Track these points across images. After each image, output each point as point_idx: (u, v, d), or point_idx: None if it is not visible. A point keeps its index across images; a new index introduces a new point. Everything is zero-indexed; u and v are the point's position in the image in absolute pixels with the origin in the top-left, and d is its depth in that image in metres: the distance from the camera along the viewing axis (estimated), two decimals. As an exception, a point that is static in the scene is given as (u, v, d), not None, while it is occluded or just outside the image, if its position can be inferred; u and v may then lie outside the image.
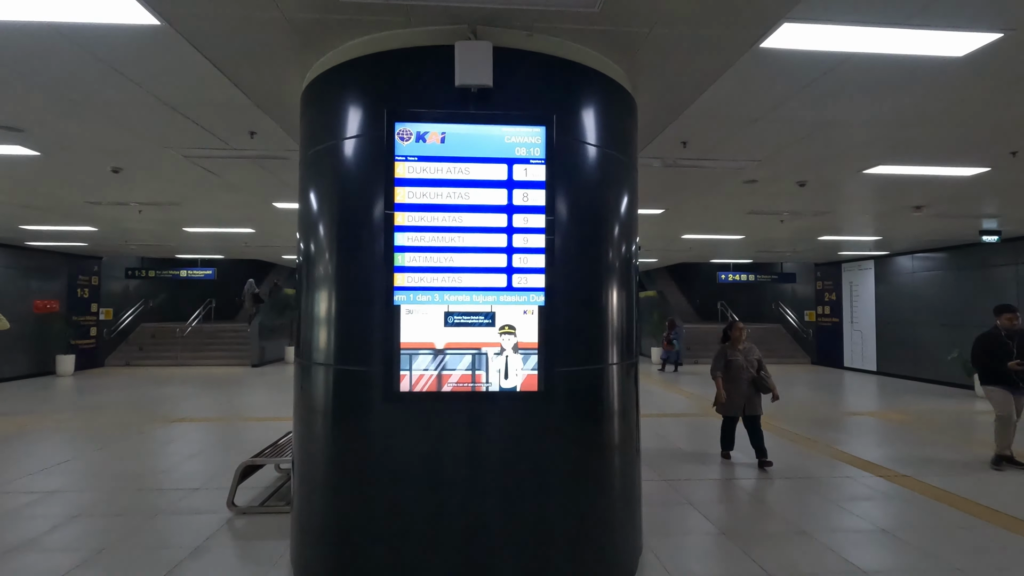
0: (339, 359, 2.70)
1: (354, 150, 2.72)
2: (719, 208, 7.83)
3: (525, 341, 2.55)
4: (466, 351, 2.51)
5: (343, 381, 2.71)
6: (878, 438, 7.07)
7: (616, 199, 3.11)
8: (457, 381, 2.51)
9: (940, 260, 12.31)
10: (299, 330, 3.00)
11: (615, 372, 3.03)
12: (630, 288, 3.19)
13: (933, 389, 11.48)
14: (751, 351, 5.84)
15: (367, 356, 2.60)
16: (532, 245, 2.57)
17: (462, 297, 2.51)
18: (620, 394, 3.06)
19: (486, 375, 2.52)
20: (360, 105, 2.75)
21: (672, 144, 4.79)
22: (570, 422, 2.72)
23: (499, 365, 2.53)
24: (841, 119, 4.13)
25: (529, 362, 2.55)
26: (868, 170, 5.58)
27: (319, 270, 2.83)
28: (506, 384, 2.54)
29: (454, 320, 2.51)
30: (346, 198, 2.75)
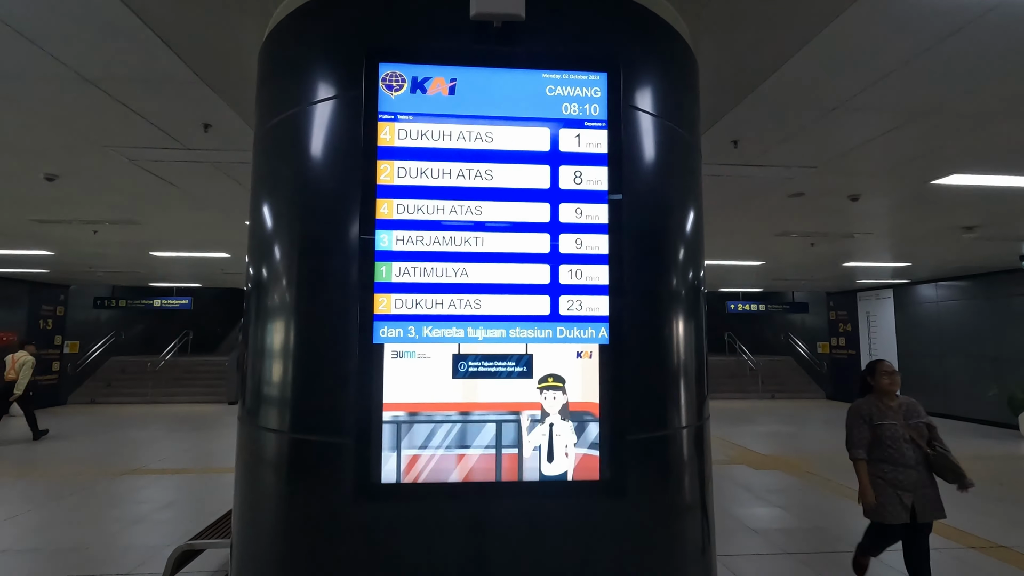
0: (296, 424, 1.75)
1: (325, 119, 1.81)
2: (748, 228, 7.02)
3: (579, 401, 1.63)
4: (488, 417, 1.58)
5: (301, 457, 1.75)
6: (943, 492, 6.10)
7: (684, 195, 2.24)
8: (474, 466, 1.57)
9: (967, 288, 11.56)
10: (243, 379, 2.05)
11: (689, 438, 2.11)
12: (700, 318, 2.29)
13: (970, 428, 10.56)
14: (912, 410, 3.44)
15: (335, 421, 1.65)
16: (589, 251, 1.67)
17: (481, 331, 1.60)
18: (698, 472, 2.13)
19: (520, 455, 1.58)
20: (334, 54, 1.87)
21: (720, 144, 3.98)
22: (647, 524, 1.77)
23: (539, 439, 1.60)
24: (948, 104, 3.31)
25: (587, 434, 1.62)
26: (939, 180, 4.78)
27: (272, 293, 1.89)
28: (551, 470, 1.60)
29: (469, 368, 1.58)
30: (310, 185, 1.83)
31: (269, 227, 1.91)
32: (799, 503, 5.59)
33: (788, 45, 2.74)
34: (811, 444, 8.97)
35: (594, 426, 1.63)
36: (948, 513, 4.98)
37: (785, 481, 6.48)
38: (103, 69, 2.89)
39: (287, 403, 1.77)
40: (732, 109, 3.40)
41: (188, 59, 2.81)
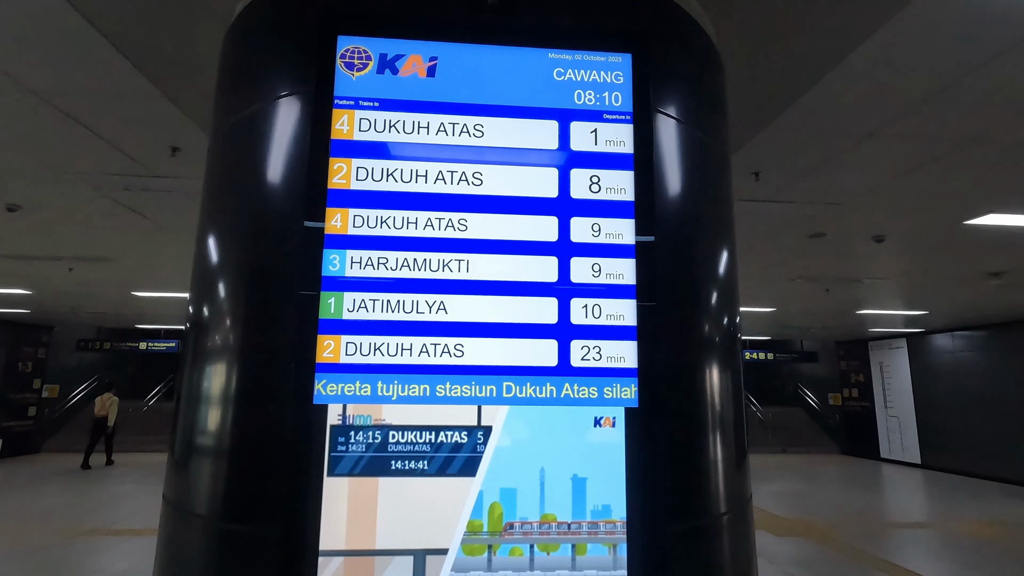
0: (226, 510, 1.28)
1: (283, 117, 1.42)
2: (763, 272, 6.63)
3: (598, 494, 1.17)
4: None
5: (231, 554, 1.27)
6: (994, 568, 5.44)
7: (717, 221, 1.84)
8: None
9: (985, 338, 11.09)
10: (171, 444, 1.58)
11: (729, 527, 1.64)
12: (738, 373, 1.85)
13: (997, 488, 9.85)
14: None
15: (270, 508, 1.19)
16: (610, 280, 1.25)
17: (463, 388, 1.16)
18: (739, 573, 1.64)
19: (515, 568, 1.12)
20: (295, 46, 1.51)
21: (740, 175, 3.63)
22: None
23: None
24: (994, 131, 2.98)
25: (607, 537, 1.16)
26: (974, 220, 4.42)
27: (210, 335, 1.46)
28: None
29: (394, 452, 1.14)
30: (254, 200, 1.43)
31: (211, 252, 1.49)
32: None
33: (819, 65, 2.41)
34: (830, 505, 8.29)
35: (619, 527, 1.16)
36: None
37: (810, 551, 5.83)
38: (52, 80, 2.56)
39: (215, 479, 1.30)
40: (756, 135, 3.07)
41: (145, 70, 2.48)
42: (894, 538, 6.47)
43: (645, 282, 1.26)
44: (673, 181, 1.51)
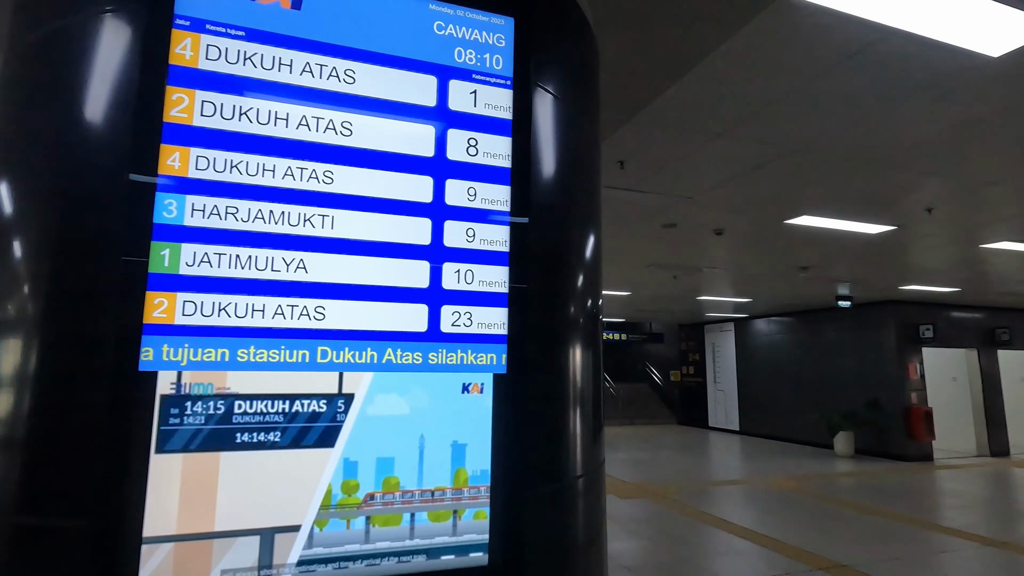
0: (19, 502, 1.04)
1: (108, 36, 1.16)
2: (622, 258, 7.14)
3: (469, 460, 1.17)
4: (328, 484, 1.05)
5: (27, 552, 1.04)
6: (800, 515, 6.50)
7: (587, 201, 1.94)
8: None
9: (793, 323, 13.10)
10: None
11: (584, 490, 1.76)
12: (599, 350, 1.98)
13: (796, 448, 11.78)
14: None
15: (76, 496, 1.00)
16: (485, 246, 1.23)
17: (324, 353, 1.08)
18: (595, 530, 1.78)
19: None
20: None
21: (607, 163, 3.83)
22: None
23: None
24: (816, 144, 3.46)
25: (472, 502, 1.16)
26: (791, 219, 5.15)
27: (8, 297, 1.17)
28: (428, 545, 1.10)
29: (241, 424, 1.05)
30: (68, 134, 1.17)
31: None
32: (666, 533, 5.56)
33: (683, 62, 2.61)
34: (667, 469, 9.31)
35: (482, 494, 1.17)
36: (796, 534, 5.15)
37: (650, 510, 6.50)
38: None
39: (8, 467, 1.06)
40: (625, 123, 3.25)
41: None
42: (717, 494, 7.44)
43: (518, 247, 1.26)
44: (548, 156, 1.53)
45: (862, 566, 4.64)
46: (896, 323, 10.70)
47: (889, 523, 6.02)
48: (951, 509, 6.76)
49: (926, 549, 5.15)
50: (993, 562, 4.83)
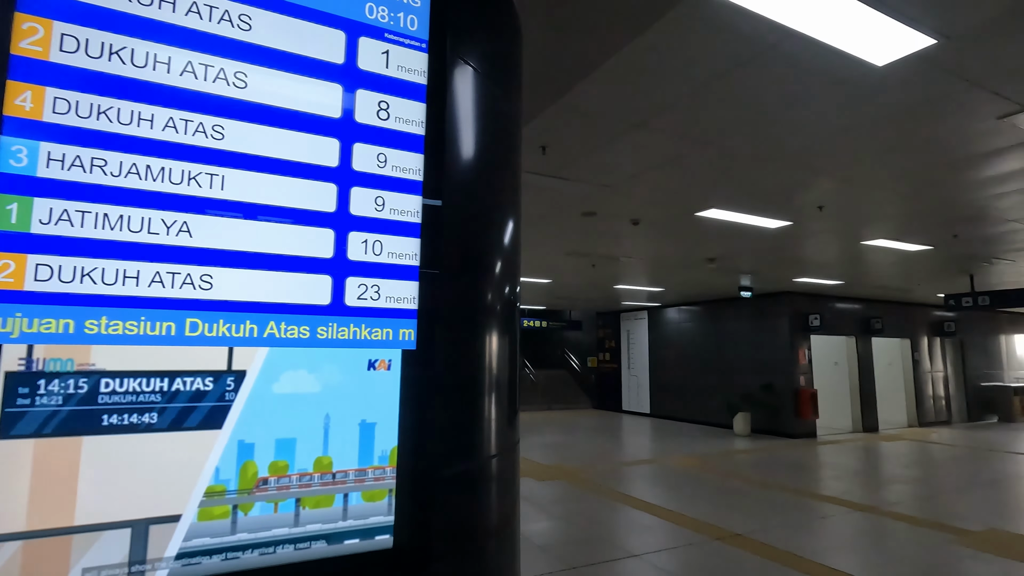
0: None
1: None
2: (543, 245, 7.22)
3: (374, 440, 1.11)
4: (214, 468, 0.96)
5: None
6: (704, 491, 6.93)
7: (506, 182, 1.92)
8: (180, 554, 0.93)
9: (699, 312, 13.93)
10: None
11: (498, 470, 1.78)
12: (514, 327, 1.98)
13: (701, 429, 12.59)
14: None
15: None
16: (395, 216, 1.17)
17: (211, 326, 0.98)
18: (504, 513, 1.79)
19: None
20: None
21: (529, 148, 3.83)
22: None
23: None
24: (724, 138, 3.64)
25: (376, 483, 1.11)
26: (702, 212, 5.42)
27: None
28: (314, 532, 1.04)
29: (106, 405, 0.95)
30: None
31: None
32: (581, 513, 5.75)
33: (605, 48, 2.64)
34: (583, 452, 9.63)
35: (388, 477, 1.12)
36: (698, 508, 5.48)
37: (566, 490, 6.68)
38: None
39: None
40: (545, 110, 3.25)
41: None
42: (628, 473, 7.79)
43: (431, 218, 1.21)
44: (466, 129, 1.49)
45: (754, 534, 5.04)
46: (789, 313, 11.66)
47: (778, 494, 6.58)
48: (830, 480, 7.50)
49: (809, 516, 5.67)
50: (862, 524, 5.42)
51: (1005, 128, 3.44)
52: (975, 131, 3.50)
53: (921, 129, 3.47)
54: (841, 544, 4.84)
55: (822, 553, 4.56)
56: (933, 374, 14.05)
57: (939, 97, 3.04)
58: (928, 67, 2.72)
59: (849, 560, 4.42)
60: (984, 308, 9.52)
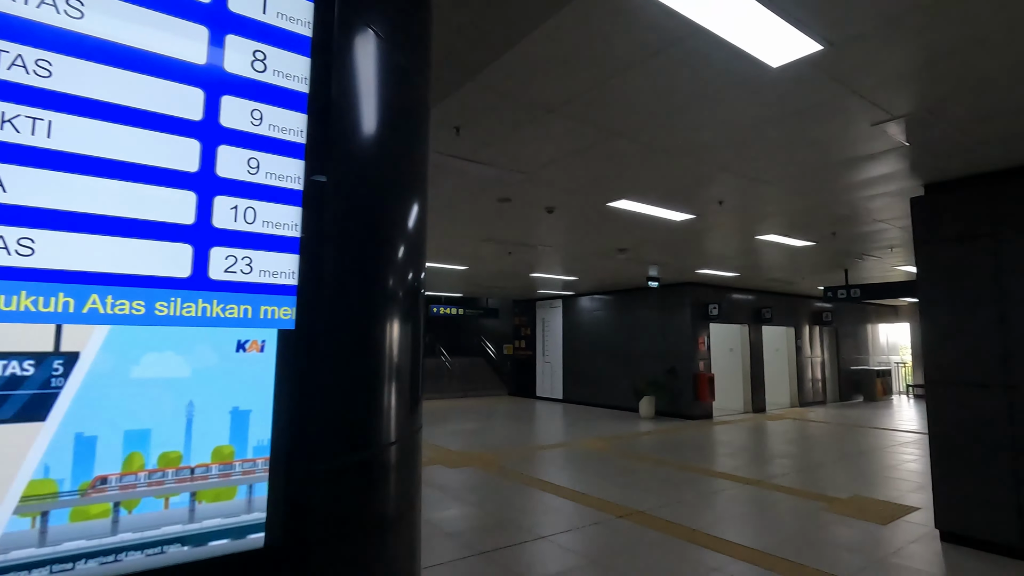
0: None
1: None
2: (458, 230, 7.12)
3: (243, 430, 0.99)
4: (33, 468, 0.81)
5: None
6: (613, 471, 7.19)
7: (412, 151, 1.84)
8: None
9: (611, 301, 14.46)
10: None
11: (397, 459, 1.72)
12: (418, 313, 1.92)
13: (610, 413, 13.12)
14: None
15: None
16: (271, 180, 1.05)
17: (32, 300, 0.82)
18: (403, 505, 1.73)
19: (114, 517, 0.86)
20: None
21: (443, 128, 3.72)
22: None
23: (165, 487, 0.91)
24: (634, 130, 3.72)
25: (244, 478, 0.99)
26: (613, 202, 5.56)
27: None
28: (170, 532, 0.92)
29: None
30: None
31: None
32: (492, 498, 5.78)
33: (518, 27, 2.59)
34: (498, 438, 9.71)
35: (261, 470, 1.01)
36: (603, 488, 5.68)
37: (478, 477, 6.70)
38: None
39: None
40: (459, 88, 3.16)
41: None
42: (539, 458, 7.94)
43: (313, 187, 1.10)
44: (366, 95, 1.38)
45: (654, 510, 5.31)
46: (691, 302, 12.38)
47: (677, 472, 6.99)
48: (722, 457, 8.07)
49: (704, 491, 6.07)
50: (748, 497, 5.87)
51: (877, 134, 3.79)
52: (852, 136, 3.83)
53: (808, 131, 3.74)
54: (730, 516, 5.21)
55: (713, 525, 4.89)
56: (812, 359, 15.53)
57: (823, 101, 3.28)
58: (815, 72, 2.92)
59: (735, 530, 4.78)
60: (855, 300, 10.62)
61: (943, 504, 4.57)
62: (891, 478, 6.77)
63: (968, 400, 4.49)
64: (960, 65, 2.85)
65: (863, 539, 4.58)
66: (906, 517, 5.17)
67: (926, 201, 4.95)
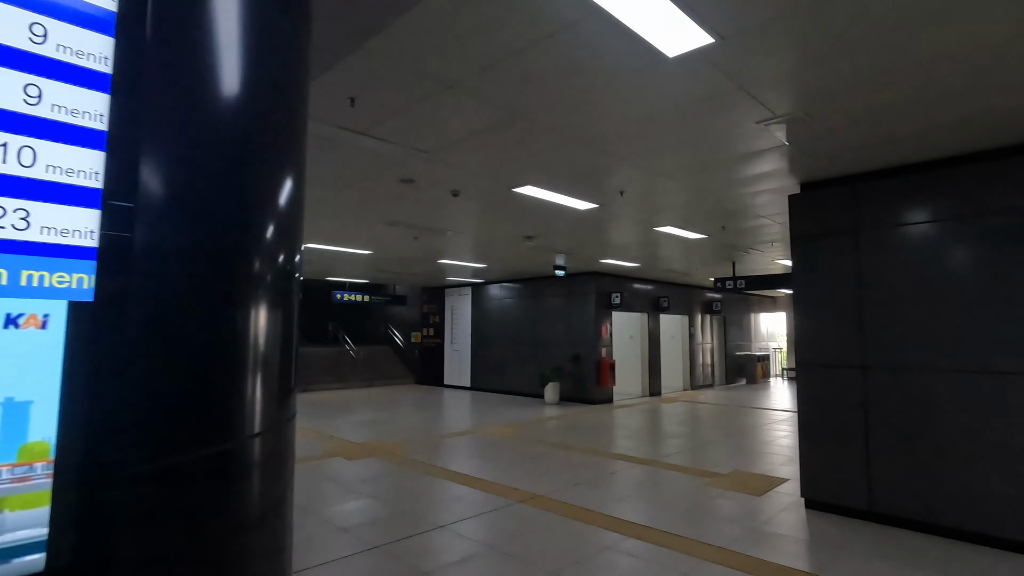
0: None
1: None
2: (359, 212, 6.78)
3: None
4: None
5: None
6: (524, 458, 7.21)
7: (282, 111, 1.66)
8: None
9: (519, 289, 14.59)
10: None
11: (261, 452, 1.55)
12: (290, 292, 1.74)
13: (517, 400, 13.28)
14: None
15: None
16: (57, 114, 0.84)
17: None
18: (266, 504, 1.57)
19: None
20: None
21: (335, 98, 3.45)
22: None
23: None
24: (535, 112, 3.66)
25: (14, 487, 0.79)
26: (518, 188, 5.53)
27: None
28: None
29: None
30: None
31: None
32: (390, 489, 5.60)
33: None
34: (403, 427, 9.48)
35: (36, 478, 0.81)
36: (506, 474, 5.68)
37: (378, 468, 6.47)
38: None
39: None
40: (353, 53, 2.92)
41: None
42: (444, 446, 7.83)
43: (121, 123, 0.90)
44: (214, 28, 1.17)
45: (552, 494, 5.40)
46: (595, 291, 12.78)
47: (577, 455, 7.18)
48: (620, 439, 8.42)
49: (601, 472, 6.27)
50: (642, 476, 6.15)
51: (761, 132, 4.02)
52: (740, 133, 4.04)
53: (701, 126, 3.89)
54: (623, 495, 5.42)
55: (607, 505, 5.05)
56: (703, 345, 16.67)
57: (714, 95, 3.41)
58: (707, 65, 3.01)
59: (629, 508, 4.97)
60: (741, 291, 11.49)
61: (807, 475, 5.03)
62: (766, 453, 7.39)
63: (830, 381, 4.96)
64: (831, 70, 3.07)
65: (740, 510, 4.94)
66: (778, 488, 5.65)
67: (801, 199, 5.38)
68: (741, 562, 3.80)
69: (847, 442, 4.82)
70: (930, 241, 4.55)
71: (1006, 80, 3.15)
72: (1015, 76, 3.10)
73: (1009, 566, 3.75)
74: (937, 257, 4.49)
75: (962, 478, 4.21)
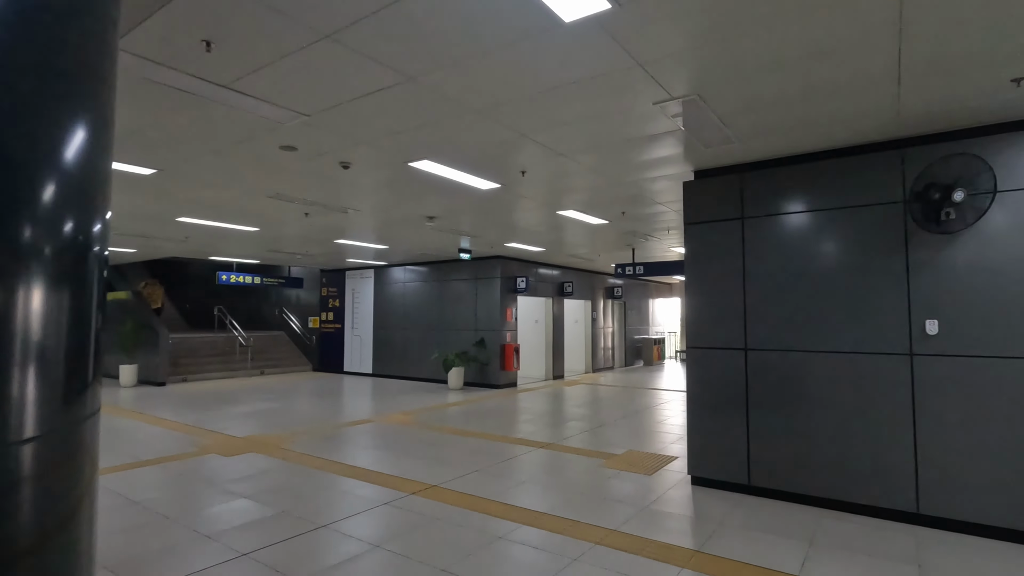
0: None
1: None
2: (235, 184, 6.08)
3: None
4: None
5: None
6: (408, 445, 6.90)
7: (68, 17, 1.30)
8: None
9: (424, 272, 14.18)
10: None
11: (34, 461, 1.27)
12: (87, 277, 1.43)
13: (420, 385, 12.94)
14: None
15: None
16: None
17: None
18: (49, 523, 1.26)
19: None
20: None
21: (187, 40, 2.93)
22: None
23: None
24: (436, 73, 3.35)
25: None
26: (415, 163, 5.18)
27: None
28: None
29: None
30: None
31: None
32: (269, 488, 5.12)
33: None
34: (293, 418, 8.85)
35: None
36: (400, 465, 5.40)
37: (259, 464, 5.93)
38: None
39: None
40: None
41: None
42: (338, 437, 7.37)
43: None
44: None
45: (448, 483, 5.20)
46: (501, 275, 12.68)
47: (477, 441, 7.03)
48: (522, 423, 8.40)
49: (500, 458, 6.16)
50: (540, 460, 6.12)
51: (658, 115, 4.00)
52: (637, 114, 3.99)
53: (599, 103, 3.78)
54: (521, 481, 5.34)
55: (504, 492, 4.94)
56: (605, 330, 17.23)
57: (611, 71, 3.29)
58: (605, 35, 2.87)
59: (525, 495, 4.89)
60: (639, 277, 11.89)
61: (694, 452, 5.22)
62: (659, 432, 7.69)
63: (716, 362, 5.16)
64: (723, 52, 3.04)
65: (633, 490, 5.03)
66: (668, 466, 5.84)
67: (695, 187, 5.51)
68: (629, 543, 3.82)
69: (730, 421, 5.04)
70: (804, 231, 4.81)
71: (871, 81, 3.31)
72: (872, 78, 3.26)
73: (868, 530, 4.08)
74: (809, 246, 4.77)
75: (829, 449, 4.54)
